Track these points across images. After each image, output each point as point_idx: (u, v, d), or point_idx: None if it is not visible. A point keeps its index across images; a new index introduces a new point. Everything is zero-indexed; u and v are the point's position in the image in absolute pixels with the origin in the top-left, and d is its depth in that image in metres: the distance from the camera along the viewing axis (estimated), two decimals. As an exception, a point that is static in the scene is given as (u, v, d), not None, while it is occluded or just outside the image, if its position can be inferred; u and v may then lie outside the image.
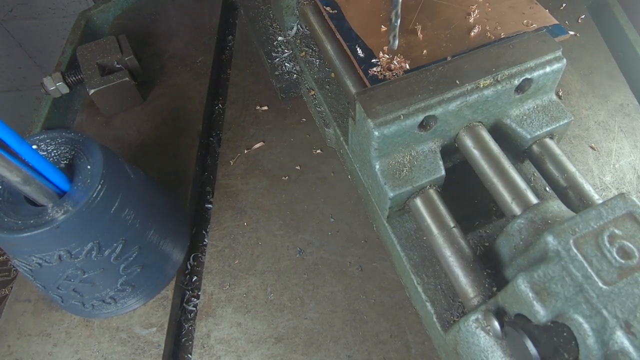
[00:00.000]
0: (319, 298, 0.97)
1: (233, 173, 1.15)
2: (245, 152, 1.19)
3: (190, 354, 0.94)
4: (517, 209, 0.80)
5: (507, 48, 0.89)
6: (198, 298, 1.00)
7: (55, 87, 1.27)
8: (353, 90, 0.98)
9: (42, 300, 0.98)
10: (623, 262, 0.61)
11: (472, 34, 0.98)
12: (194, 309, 1.00)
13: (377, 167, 0.85)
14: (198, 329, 0.95)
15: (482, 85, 0.84)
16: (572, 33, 1.38)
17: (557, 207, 0.76)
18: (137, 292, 0.93)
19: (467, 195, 0.97)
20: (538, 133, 0.90)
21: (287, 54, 1.26)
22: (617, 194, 0.68)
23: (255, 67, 1.36)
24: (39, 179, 0.73)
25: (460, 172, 0.95)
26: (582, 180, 0.85)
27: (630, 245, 0.63)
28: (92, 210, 0.77)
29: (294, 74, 1.23)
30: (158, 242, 0.94)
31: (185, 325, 1.00)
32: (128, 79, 1.21)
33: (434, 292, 0.85)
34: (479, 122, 0.90)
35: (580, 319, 0.60)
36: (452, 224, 0.82)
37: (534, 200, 0.80)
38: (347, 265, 1.01)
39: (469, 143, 0.88)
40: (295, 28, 1.24)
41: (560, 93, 1.23)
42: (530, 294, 0.61)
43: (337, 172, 1.13)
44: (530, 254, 0.69)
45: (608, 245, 0.62)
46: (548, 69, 0.87)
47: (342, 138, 1.04)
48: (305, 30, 1.24)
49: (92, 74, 1.21)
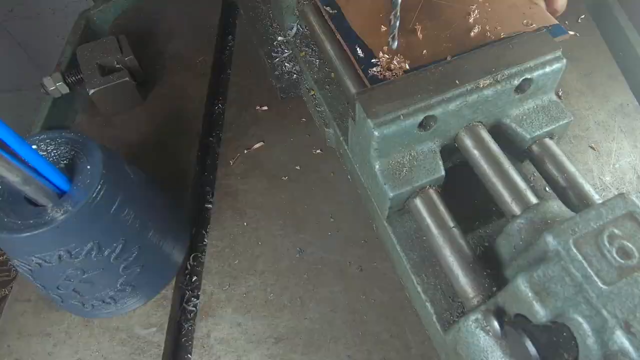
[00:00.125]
0: (319, 298, 0.97)
1: (233, 173, 1.15)
2: (245, 152, 1.19)
3: (190, 354, 0.94)
4: (516, 209, 0.80)
5: (507, 48, 0.89)
6: (198, 298, 1.01)
7: (55, 87, 1.27)
8: (353, 90, 0.98)
9: (42, 300, 0.98)
10: (623, 262, 0.61)
11: (472, 34, 0.97)
12: (194, 309, 1.00)
13: (376, 167, 0.85)
14: (198, 329, 0.96)
15: (482, 85, 0.84)
16: (572, 33, 1.38)
17: (557, 207, 0.76)
18: (137, 292, 0.93)
19: (467, 196, 0.97)
20: (538, 133, 0.90)
21: (287, 54, 1.26)
22: (617, 194, 0.68)
23: (255, 67, 1.36)
24: (39, 179, 0.73)
25: (460, 172, 0.95)
26: (581, 180, 0.85)
27: (630, 245, 0.63)
28: (92, 211, 0.77)
29: (294, 74, 1.23)
30: (158, 242, 0.94)
31: (185, 325, 1.00)
32: (128, 79, 1.21)
33: (434, 292, 0.85)
34: (479, 122, 0.90)
35: (580, 319, 0.60)
36: (452, 224, 0.82)
37: (534, 200, 0.80)
38: (347, 266, 1.01)
39: (469, 143, 0.88)
40: (295, 28, 1.25)
41: (560, 93, 1.24)
42: (530, 294, 0.62)
43: (337, 172, 1.13)
44: (530, 254, 0.69)
45: (608, 245, 0.62)
46: (548, 69, 0.87)
47: (342, 138, 1.04)
48: (305, 30, 1.24)
49: (92, 74, 1.21)
